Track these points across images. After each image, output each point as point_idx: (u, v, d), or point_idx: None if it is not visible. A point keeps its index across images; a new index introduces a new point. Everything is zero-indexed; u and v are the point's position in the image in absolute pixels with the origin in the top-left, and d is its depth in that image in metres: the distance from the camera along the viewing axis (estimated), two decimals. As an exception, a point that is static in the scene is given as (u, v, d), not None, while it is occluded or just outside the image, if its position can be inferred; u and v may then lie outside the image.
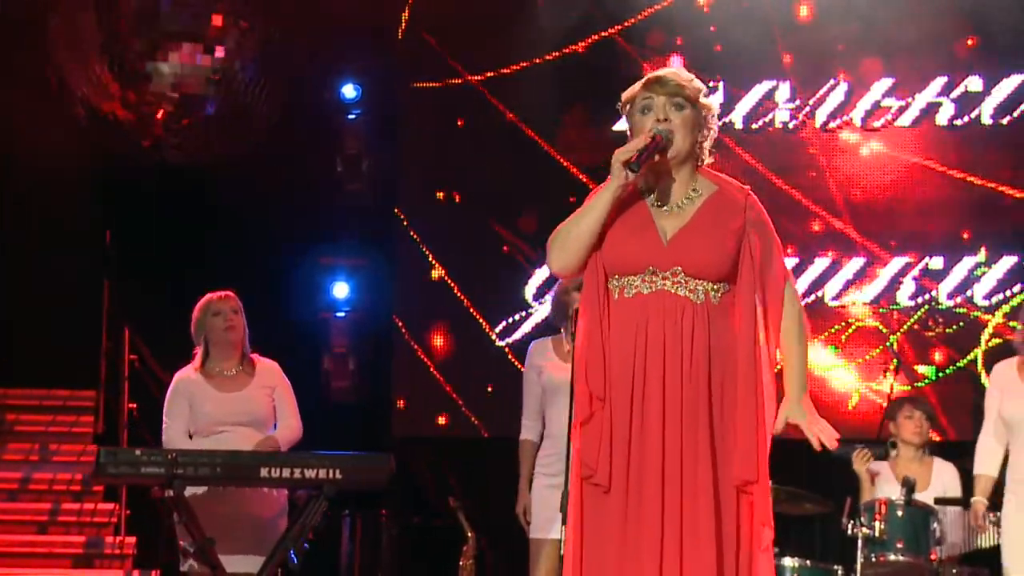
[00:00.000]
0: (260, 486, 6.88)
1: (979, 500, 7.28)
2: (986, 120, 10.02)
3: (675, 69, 4.68)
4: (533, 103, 10.35)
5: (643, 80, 4.65)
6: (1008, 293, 9.88)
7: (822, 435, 4.52)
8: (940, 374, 9.90)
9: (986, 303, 9.92)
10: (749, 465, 4.45)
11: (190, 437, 7.08)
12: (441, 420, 10.28)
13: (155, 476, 6.47)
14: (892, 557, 7.81)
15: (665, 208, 4.60)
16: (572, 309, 7.39)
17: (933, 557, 7.86)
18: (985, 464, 7.31)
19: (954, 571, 8.02)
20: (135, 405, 9.86)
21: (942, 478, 8.35)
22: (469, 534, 7.81)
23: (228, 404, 7.09)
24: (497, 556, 9.84)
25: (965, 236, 9.97)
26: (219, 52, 10.24)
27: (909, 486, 7.89)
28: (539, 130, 10.36)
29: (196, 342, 7.25)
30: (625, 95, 4.69)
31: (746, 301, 4.54)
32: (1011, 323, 9.71)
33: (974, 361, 9.87)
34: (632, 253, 4.53)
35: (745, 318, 4.53)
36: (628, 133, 4.68)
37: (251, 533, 6.97)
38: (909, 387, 9.69)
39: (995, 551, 8.25)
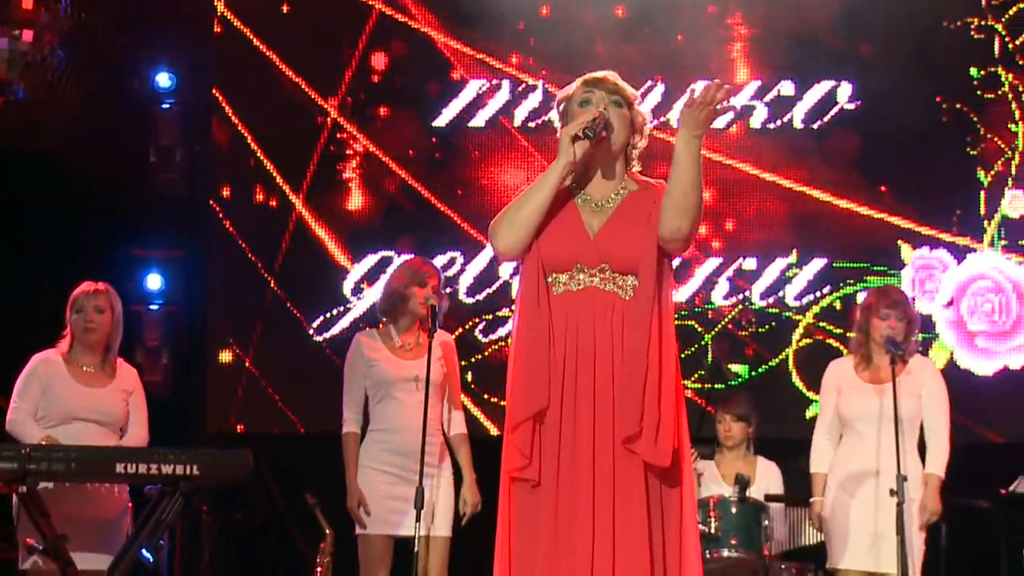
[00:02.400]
0: (116, 482, 6.81)
1: (819, 500, 7.44)
2: (798, 124, 10.25)
3: (613, 73, 4.80)
4: (351, 97, 10.27)
5: (582, 78, 4.78)
6: (818, 294, 10.12)
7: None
8: (753, 373, 10.09)
9: (797, 304, 10.14)
10: (631, 421, 4.44)
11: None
12: (257, 416, 10.11)
13: (7, 471, 6.24)
14: (727, 553, 7.96)
15: (593, 206, 4.68)
16: (416, 304, 7.41)
17: (765, 552, 8.05)
18: (822, 463, 7.48)
19: (782, 567, 8.22)
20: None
21: (766, 477, 8.55)
22: (327, 531, 7.73)
23: (85, 398, 7.03)
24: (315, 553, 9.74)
25: (778, 238, 10.17)
26: (28, 36, 9.91)
27: (743, 483, 8.07)
28: (359, 124, 10.27)
29: (66, 326, 7.21)
30: (561, 94, 4.84)
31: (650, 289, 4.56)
32: (820, 323, 10.02)
33: (785, 360, 10.10)
34: (560, 250, 4.58)
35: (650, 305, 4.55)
36: (560, 131, 4.73)
37: (94, 533, 6.86)
38: (723, 386, 9.87)
39: (818, 547, 8.46)
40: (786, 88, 10.25)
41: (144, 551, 6.50)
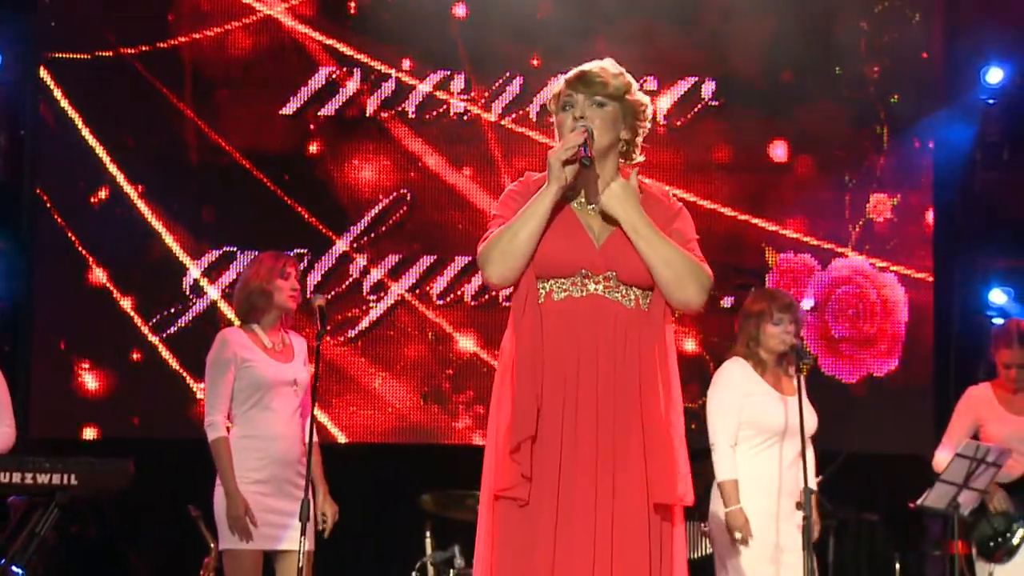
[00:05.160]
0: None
1: (739, 508, 7.08)
2: (661, 120, 9.97)
3: (603, 64, 4.55)
4: (193, 81, 9.71)
5: (568, 75, 4.57)
6: (680, 297, 9.84)
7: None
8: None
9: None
10: (667, 487, 4.34)
11: None
12: (86, 420, 9.54)
13: None
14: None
15: (591, 207, 4.52)
16: (283, 298, 7.01)
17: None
18: (730, 469, 7.15)
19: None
20: None
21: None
22: (212, 544, 7.36)
23: None
24: (151, 566, 9.29)
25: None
26: None
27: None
28: (197, 110, 9.70)
29: None
30: (549, 92, 4.65)
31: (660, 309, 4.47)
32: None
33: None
34: (563, 255, 4.43)
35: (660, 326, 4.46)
36: (549, 154, 4.58)
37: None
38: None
39: (702, 561, 8.20)
40: (648, 84, 9.94)
41: (15, 567, 5.97)
